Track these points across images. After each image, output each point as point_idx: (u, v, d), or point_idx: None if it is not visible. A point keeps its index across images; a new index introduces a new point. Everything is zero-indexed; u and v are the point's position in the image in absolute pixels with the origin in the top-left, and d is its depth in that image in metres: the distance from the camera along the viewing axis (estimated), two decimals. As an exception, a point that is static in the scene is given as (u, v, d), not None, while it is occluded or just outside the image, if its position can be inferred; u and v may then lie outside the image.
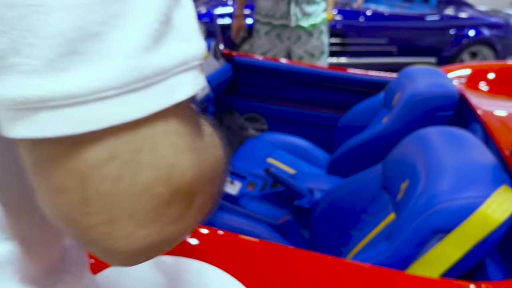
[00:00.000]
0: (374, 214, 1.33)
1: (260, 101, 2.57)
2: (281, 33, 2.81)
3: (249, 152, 2.19)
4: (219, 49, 2.39)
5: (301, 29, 2.78)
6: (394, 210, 1.21)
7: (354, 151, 1.86)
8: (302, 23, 2.76)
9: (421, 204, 0.98)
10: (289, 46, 2.86)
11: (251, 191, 1.77)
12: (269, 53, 2.87)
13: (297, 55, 2.86)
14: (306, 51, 2.84)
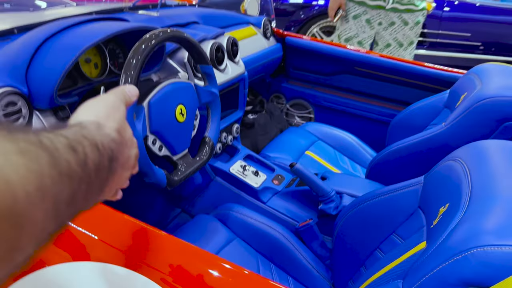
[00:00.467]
0: (405, 237, 1.10)
1: (310, 87, 2.35)
2: (372, 17, 2.55)
3: (287, 142, 2.00)
4: (270, 27, 2.19)
5: (396, 13, 2.51)
6: (427, 239, 0.97)
7: (401, 155, 1.60)
8: (398, 6, 2.49)
9: (454, 242, 0.75)
10: (378, 32, 2.61)
11: (276, 185, 1.59)
12: (355, 38, 2.63)
13: (384, 42, 2.61)
14: (395, 39, 2.58)
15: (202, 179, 1.59)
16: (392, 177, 1.59)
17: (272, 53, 2.17)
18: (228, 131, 1.67)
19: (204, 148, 1.25)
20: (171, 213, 1.63)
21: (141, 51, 0.98)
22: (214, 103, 1.28)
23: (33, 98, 1.02)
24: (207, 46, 1.49)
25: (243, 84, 1.66)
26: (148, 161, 1.01)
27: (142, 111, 1.02)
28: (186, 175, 1.15)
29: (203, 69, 1.23)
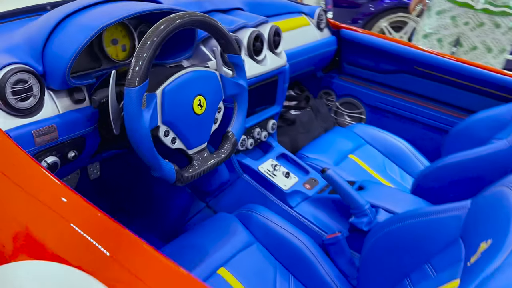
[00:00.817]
0: (438, 270, 0.94)
1: (363, 85, 2.18)
2: (458, 15, 2.31)
3: (330, 143, 1.86)
4: (324, 18, 2.04)
5: (486, 14, 2.26)
6: (461, 277, 0.82)
7: (454, 170, 1.40)
8: (490, 7, 2.24)
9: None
10: (463, 31, 2.35)
11: (308, 190, 1.46)
12: (434, 35, 2.40)
13: (470, 44, 2.35)
14: (483, 42, 2.31)
15: (229, 175, 1.50)
16: (441, 195, 1.40)
17: (324, 45, 2.03)
18: (263, 126, 1.56)
19: (226, 144, 1.16)
20: (195, 207, 1.56)
21: (157, 34, 0.90)
22: (241, 96, 1.18)
23: (47, 78, 0.99)
24: (245, 34, 1.39)
25: (283, 77, 1.54)
26: (153, 153, 0.94)
27: (153, 99, 0.94)
28: (199, 172, 1.07)
29: (231, 59, 1.14)
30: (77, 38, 0.95)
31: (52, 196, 0.78)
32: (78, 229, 0.74)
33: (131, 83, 0.88)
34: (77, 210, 0.77)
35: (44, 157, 0.96)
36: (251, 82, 1.39)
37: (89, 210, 0.76)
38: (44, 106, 0.98)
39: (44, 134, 0.94)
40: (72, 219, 0.75)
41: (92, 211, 0.76)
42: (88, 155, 1.10)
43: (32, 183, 0.81)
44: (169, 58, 1.26)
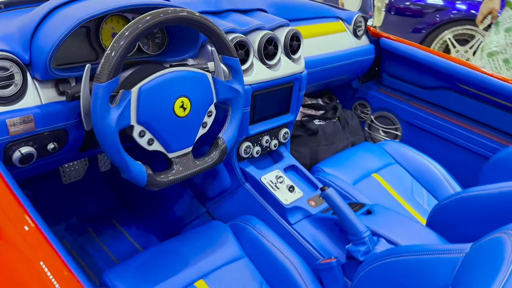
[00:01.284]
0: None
1: (402, 99, 2.02)
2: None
3: (353, 159, 1.73)
4: (363, 25, 1.91)
5: None
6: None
7: (477, 204, 1.23)
8: None
9: None
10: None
11: (312, 207, 1.36)
12: (501, 55, 2.18)
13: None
14: None
15: (230, 182, 1.44)
16: (457, 231, 1.25)
17: (360, 54, 1.90)
18: (273, 135, 1.48)
19: (213, 151, 1.10)
20: (195, 211, 1.52)
21: (131, 30, 0.86)
22: (235, 101, 1.11)
23: (33, 67, 0.98)
24: (257, 37, 1.32)
25: (299, 84, 1.44)
26: (119, 153, 0.90)
27: (127, 97, 0.90)
28: (177, 178, 1.01)
29: (226, 61, 1.07)
30: (58, 29, 0.93)
31: None
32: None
33: (99, 78, 0.85)
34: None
35: (18, 146, 0.95)
36: (259, 86, 1.31)
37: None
38: (26, 95, 0.97)
39: (19, 123, 0.93)
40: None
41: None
42: (72, 149, 1.09)
43: None
44: (172, 56, 1.22)
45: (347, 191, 1.53)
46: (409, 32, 4.02)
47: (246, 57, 1.28)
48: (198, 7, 1.34)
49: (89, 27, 1.10)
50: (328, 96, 2.07)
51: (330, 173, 1.62)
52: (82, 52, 1.10)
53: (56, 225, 1.55)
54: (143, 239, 1.56)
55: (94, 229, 1.58)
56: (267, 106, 1.39)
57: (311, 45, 1.71)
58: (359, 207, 1.34)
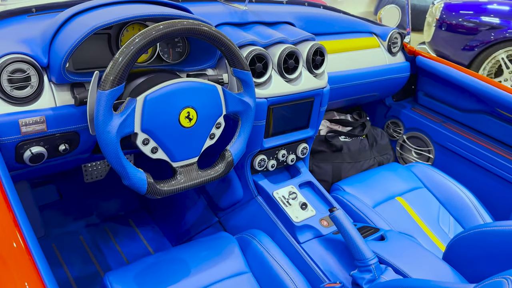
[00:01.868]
0: None
1: (437, 120, 1.93)
2: None
3: (379, 179, 1.67)
4: (399, 42, 1.85)
5: None
6: None
7: (500, 239, 1.14)
8: None
9: None
10: None
11: (323, 227, 1.32)
12: None
13: None
14: None
15: (243, 194, 1.42)
16: (474, 267, 1.16)
17: (394, 71, 1.83)
18: (291, 149, 1.45)
19: (219, 163, 1.09)
20: (208, 220, 1.51)
21: (138, 41, 0.87)
22: (245, 114, 1.11)
23: (50, 71, 1.02)
24: (277, 50, 1.30)
25: (320, 100, 1.41)
26: (120, 161, 0.91)
27: (131, 105, 0.92)
28: (180, 188, 1.02)
29: (237, 74, 1.06)
30: (73, 36, 0.97)
31: None
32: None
33: (103, 86, 0.87)
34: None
35: (29, 146, 0.99)
36: (276, 100, 1.30)
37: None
38: (41, 97, 1.01)
39: (31, 124, 0.97)
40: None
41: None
42: (84, 151, 1.12)
43: None
44: (191, 65, 1.23)
45: (365, 214, 1.47)
46: (460, 49, 3.85)
47: (264, 70, 1.27)
48: (222, 18, 1.35)
49: (110, 34, 1.13)
50: (358, 112, 2.02)
51: (349, 193, 1.57)
52: (101, 58, 1.13)
53: (76, 221, 1.61)
54: (156, 243, 1.58)
55: (111, 229, 1.62)
56: (285, 120, 1.37)
57: (341, 60, 1.67)
58: (372, 232, 1.29)
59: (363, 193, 1.59)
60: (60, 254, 1.48)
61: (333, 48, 1.66)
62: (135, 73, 1.11)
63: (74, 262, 1.46)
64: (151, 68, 1.18)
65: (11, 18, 1.13)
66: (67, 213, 1.61)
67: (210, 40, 0.98)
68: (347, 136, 1.81)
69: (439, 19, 3.94)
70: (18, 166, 1.03)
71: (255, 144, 1.32)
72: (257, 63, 1.25)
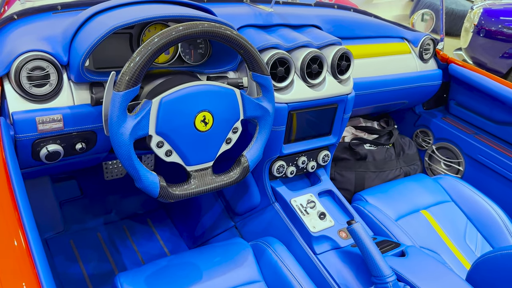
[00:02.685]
0: None
1: (469, 132, 1.84)
2: None
3: (403, 191, 1.61)
4: (432, 48, 1.78)
5: None
6: None
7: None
8: None
9: None
10: None
11: (341, 239, 1.27)
12: None
13: None
14: None
15: (260, 200, 1.39)
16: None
17: (425, 79, 1.76)
18: (312, 156, 1.41)
19: (235, 169, 1.07)
20: (224, 224, 1.49)
21: (155, 42, 0.86)
22: (263, 119, 1.08)
23: (70, 69, 1.02)
24: (301, 54, 1.26)
25: (344, 106, 1.37)
26: (132, 162, 0.90)
27: (146, 107, 0.90)
28: (193, 192, 1.00)
29: (256, 78, 1.04)
30: (92, 35, 0.96)
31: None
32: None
33: (118, 86, 0.86)
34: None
35: (46, 144, 1.00)
36: (298, 105, 1.26)
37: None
38: (60, 95, 1.01)
39: (48, 122, 0.97)
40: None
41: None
42: (102, 149, 1.12)
43: None
44: (212, 68, 1.22)
45: (387, 227, 1.42)
46: (497, 57, 3.69)
47: (286, 75, 1.23)
48: (247, 20, 1.32)
49: (131, 34, 1.12)
50: (385, 120, 1.95)
51: (372, 204, 1.51)
52: (122, 57, 1.12)
53: (95, 218, 1.62)
54: (173, 244, 1.58)
55: (129, 227, 1.62)
56: (306, 126, 1.33)
57: (370, 66, 1.62)
58: (392, 247, 1.24)
59: (386, 205, 1.53)
60: (77, 250, 1.50)
61: (361, 53, 1.60)
62: (154, 74, 1.10)
63: (90, 259, 1.47)
64: (171, 70, 1.17)
65: (37, 15, 1.14)
66: (87, 209, 1.62)
67: (230, 43, 0.96)
68: (373, 144, 1.75)
69: (477, 25, 3.79)
70: (35, 163, 1.04)
71: (274, 150, 1.29)
72: (279, 67, 1.22)
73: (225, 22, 1.08)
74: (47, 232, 1.52)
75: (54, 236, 1.52)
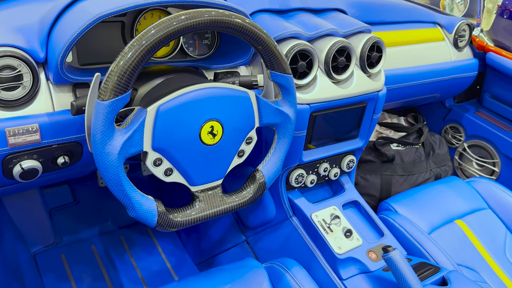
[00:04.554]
0: None
1: (506, 128, 1.64)
2: None
3: (435, 197, 1.43)
4: (467, 35, 1.57)
5: None
6: None
7: None
8: None
9: None
10: None
11: (372, 261, 1.10)
12: None
13: None
14: None
15: (276, 213, 1.22)
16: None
17: (460, 69, 1.56)
18: (335, 162, 1.23)
19: (249, 187, 0.88)
20: (234, 239, 1.32)
21: (148, 37, 0.67)
22: (282, 127, 0.89)
23: (48, 67, 0.83)
24: (325, 45, 1.07)
25: (374, 105, 1.17)
26: (122, 188, 0.72)
27: (141, 118, 0.72)
28: (198, 218, 0.82)
29: (275, 78, 0.85)
30: (74, 25, 0.77)
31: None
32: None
33: (102, 94, 0.67)
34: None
35: (19, 160, 0.82)
36: (321, 106, 1.07)
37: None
38: (36, 100, 0.83)
39: (21, 134, 0.79)
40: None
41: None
42: (89, 163, 0.94)
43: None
44: (220, 62, 1.02)
45: (420, 242, 1.24)
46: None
47: (308, 70, 1.04)
48: (260, 4, 1.12)
49: (124, 22, 0.93)
50: (413, 115, 1.76)
51: (401, 214, 1.33)
52: (113, 51, 0.94)
53: (90, 228, 1.45)
54: (176, 258, 1.41)
55: (127, 238, 1.45)
56: (329, 129, 1.15)
57: (398, 55, 1.42)
58: (432, 272, 1.06)
59: (417, 215, 1.35)
60: (69, 267, 1.33)
61: (389, 41, 1.40)
62: (151, 72, 0.91)
63: (84, 277, 1.31)
64: (171, 66, 0.97)
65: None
66: (80, 218, 1.46)
67: (245, 37, 0.77)
68: (400, 144, 1.56)
69: (501, 6, 3.54)
70: (8, 182, 0.86)
71: (292, 158, 1.11)
72: (300, 61, 1.02)
73: (238, 9, 0.88)
74: (35, 246, 1.35)
75: (43, 250, 1.35)
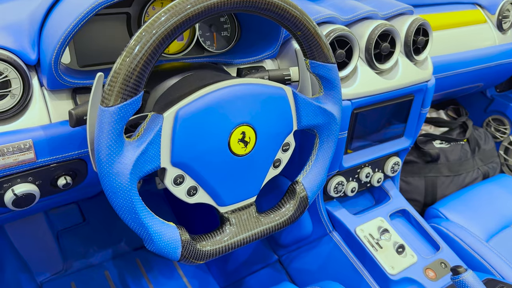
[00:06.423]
0: None
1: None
2: None
3: (488, 199, 1.26)
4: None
5: None
6: None
7: None
8: None
9: None
10: None
11: (430, 280, 0.93)
12: None
13: None
14: None
15: (312, 228, 1.06)
16: None
17: (504, 55, 1.39)
18: (378, 166, 1.07)
19: (288, 203, 0.73)
20: (264, 258, 1.17)
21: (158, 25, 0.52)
22: (326, 129, 0.73)
23: (41, 71, 0.69)
24: (365, 30, 0.91)
25: (422, 98, 1.01)
26: (136, 216, 0.57)
27: (156, 126, 0.57)
28: (231, 245, 0.67)
29: (316, 69, 0.69)
30: (68, 18, 0.63)
31: None
32: None
33: (107, 98, 0.52)
34: None
35: (11, 184, 0.67)
36: (364, 102, 0.92)
37: None
38: (28, 111, 0.68)
39: (11, 153, 0.65)
40: None
41: None
42: (96, 183, 0.79)
43: None
44: (243, 56, 0.87)
45: (479, 253, 1.08)
46: None
47: (348, 59, 0.89)
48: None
49: (129, 13, 0.79)
50: (453, 107, 1.58)
51: (453, 221, 1.17)
52: (118, 49, 0.79)
53: (102, 251, 1.31)
54: (199, 282, 1.26)
55: (144, 261, 1.31)
56: (372, 128, 0.99)
57: (438, 41, 1.26)
58: (506, 291, 0.90)
59: (471, 221, 1.18)
60: (81, 298, 1.19)
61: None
62: (163, 71, 0.76)
63: (98, 309, 1.17)
64: (186, 63, 0.82)
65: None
66: (91, 239, 1.31)
67: (281, 19, 0.61)
68: (444, 140, 1.39)
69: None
70: (0, 210, 0.72)
71: (332, 164, 0.95)
72: (338, 49, 0.87)
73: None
74: (42, 275, 1.21)
75: (51, 279, 1.21)
